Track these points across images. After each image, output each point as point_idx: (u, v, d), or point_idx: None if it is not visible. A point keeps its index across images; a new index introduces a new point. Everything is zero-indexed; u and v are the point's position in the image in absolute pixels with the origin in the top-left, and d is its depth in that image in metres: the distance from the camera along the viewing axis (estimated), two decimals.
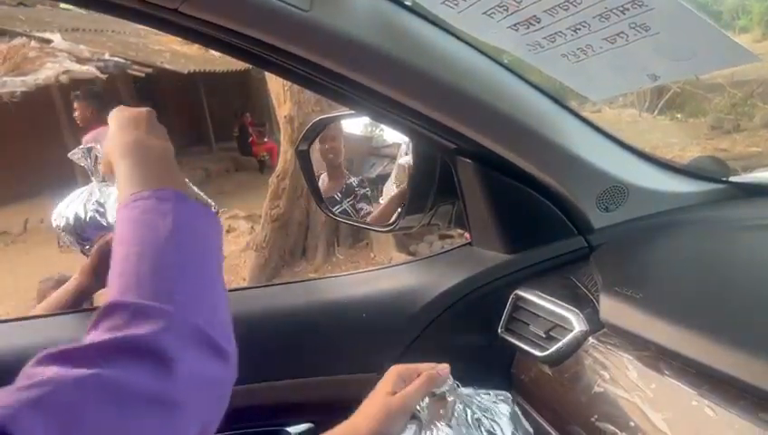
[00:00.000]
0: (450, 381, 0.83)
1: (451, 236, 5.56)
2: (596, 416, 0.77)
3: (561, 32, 0.70)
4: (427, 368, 0.83)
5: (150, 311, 0.51)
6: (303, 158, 1.21)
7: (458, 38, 0.84)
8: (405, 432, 0.80)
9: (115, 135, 0.73)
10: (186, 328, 0.52)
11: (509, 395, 0.86)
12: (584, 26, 0.68)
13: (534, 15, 0.68)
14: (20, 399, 0.43)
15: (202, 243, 0.62)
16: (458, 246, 1.14)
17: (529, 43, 0.73)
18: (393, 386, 0.80)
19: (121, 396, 0.46)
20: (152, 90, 13.36)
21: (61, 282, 2.99)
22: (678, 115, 9.31)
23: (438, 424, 0.79)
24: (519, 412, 0.85)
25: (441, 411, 0.80)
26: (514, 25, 0.70)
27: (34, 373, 0.46)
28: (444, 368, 0.83)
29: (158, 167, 0.68)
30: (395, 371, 0.83)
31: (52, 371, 0.46)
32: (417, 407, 0.80)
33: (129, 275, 0.55)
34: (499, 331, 1.00)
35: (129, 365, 0.48)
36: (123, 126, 0.74)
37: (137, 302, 0.52)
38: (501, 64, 0.89)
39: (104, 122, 0.80)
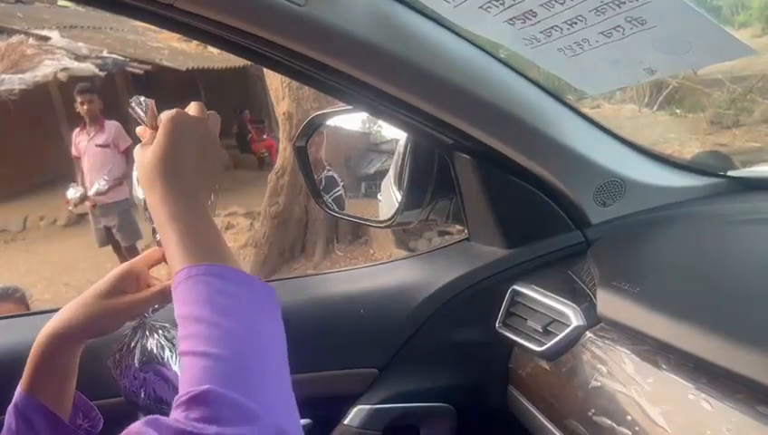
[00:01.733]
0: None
1: (450, 233, 5.57)
2: (593, 410, 0.77)
3: (557, 26, 0.69)
4: (153, 280, 0.80)
5: (247, 410, 0.49)
6: (301, 154, 1.21)
7: (455, 33, 0.84)
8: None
9: (159, 166, 0.64)
10: (271, 432, 0.50)
11: None
12: (580, 20, 0.68)
13: (530, 10, 0.68)
14: None
15: (278, 332, 0.59)
16: (456, 242, 1.14)
17: (525, 38, 0.73)
18: (122, 285, 0.77)
19: None
20: (151, 87, 13.34)
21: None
22: (678, 110, 9.29)
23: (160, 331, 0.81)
24: None
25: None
26: (510, 20, 0.70)
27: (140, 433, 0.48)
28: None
29: (216, 235, 0.63)
30: (125, 268, 0.78)
31: None
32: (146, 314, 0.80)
33: (221, 363, 0.52)
34: (497, 326, 1.00)
35: None
36: (173, 151, 0.65)
37: (235, 397, 0.50)
38: (498, 59, 0.89)
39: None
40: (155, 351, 0.82)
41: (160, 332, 0.83)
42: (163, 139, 0.66)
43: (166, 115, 0.69)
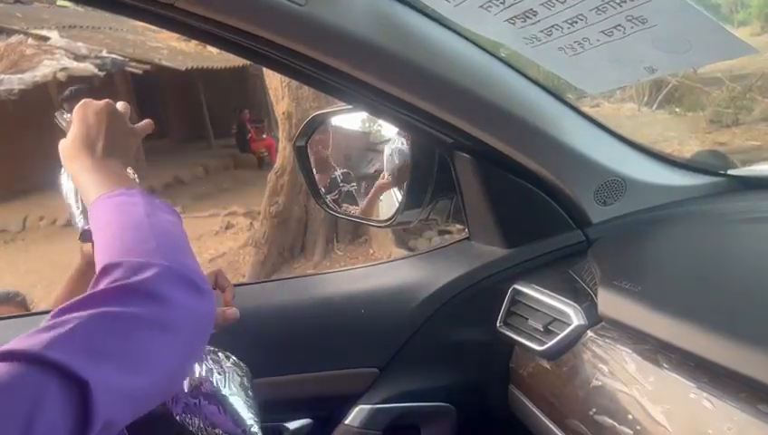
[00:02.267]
0: None
1: (450, 232, 5.57)
2: (594, 409, 0.77)
3: (557, 25, 0.69)
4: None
5: (142, 265, 0.62)
6: (301, 153, 1.21)
7: (455, 32, 0.84)
8: None
9: (73, 144, 0.81)
10: (172, 273, 0.63)
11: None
12: (581, 19, 0.67)
13: (531, 9, 0.68)
14: (53, 335, 0.53)
15: (170, 220, 0.74)
16: (456, 241, 1.14)
17: (526, 37, 0.73)
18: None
19: (129, 324, 0.58)
20: (150, 87, 13.33)
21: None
22: (677, 109, 9.28)
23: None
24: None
25: None
26: (511, 19, 0.70)
27: (55, 321, 0.56)
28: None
29: (119, 173, 0.79)
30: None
31: (70, 316, 0.55)
32: None
33: (117, 247, 0.66)
34: (497, 325, 1.00)
35: (132, 303, 0.59)
36: (83, 134, 0.81)
37: (129, 260, 0.63)
38: (498, 58, 0.89)
39: None
40: (204, 375, 0.82)
41: (208, 356, 0.84)
42: (76, 123, 0.82)
43: (78, 105, 0.84)
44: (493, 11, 0.69)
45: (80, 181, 0.79)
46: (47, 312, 0.91)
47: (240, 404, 0.86)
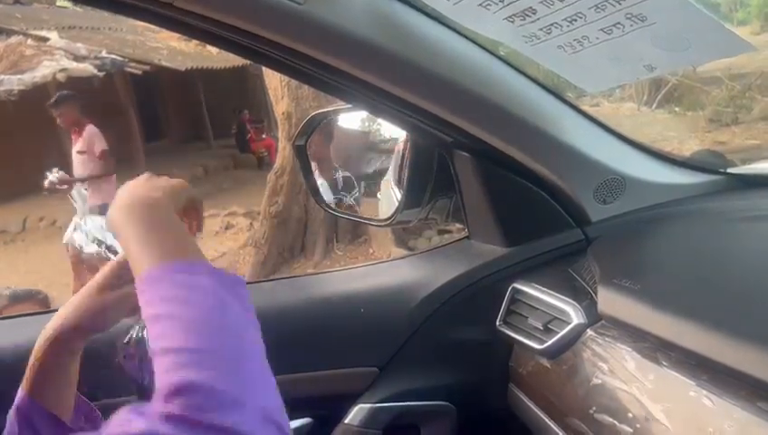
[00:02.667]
0: None
1: (450, 231, 5.56)
2: (594, 408, 0.77)
3: (556, 23, 0.69)
4: None
5: (233, 401, 0.50)
6: (300, 153, 1.21)
7: (454, 31, 0.84)
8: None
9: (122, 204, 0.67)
10: (266, 418, 0.51)
11: None
12: (580, 17, 0.67)
13: (530, 7, 0.68)
14: None
15: (249, 318, 0.60)
16: (456, 241, 1.14)
17: (525, 35, 0.73)
18: (114, 277, 0.76)
19: None
20: (150, 87, 13.33)
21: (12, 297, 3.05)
22: (677, 108, 9.29)
23: None
24: None
25: None
26: (510, 17, 0.70)
27: (129, 420, 0.48)
28: None
29: (187, 242, 0.64)
30: (112, 265, 0.77)
31: (144, 426, 0.47)
32: None
33: (197, 352, 0.52)
34: (497, 324, 1.00)
35: None
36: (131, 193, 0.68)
37: (215, 386, 0.50)
38: (497, 57, 0.89)
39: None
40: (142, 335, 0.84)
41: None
42: (145, 181, 0.70)
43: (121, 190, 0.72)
44: (492, 9, 0.69)
45: (128, 246, 0.63)
46: (50, 311, 0.91)
47: None
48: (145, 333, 0.80)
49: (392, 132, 1.17)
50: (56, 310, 0.78)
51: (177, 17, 0.74)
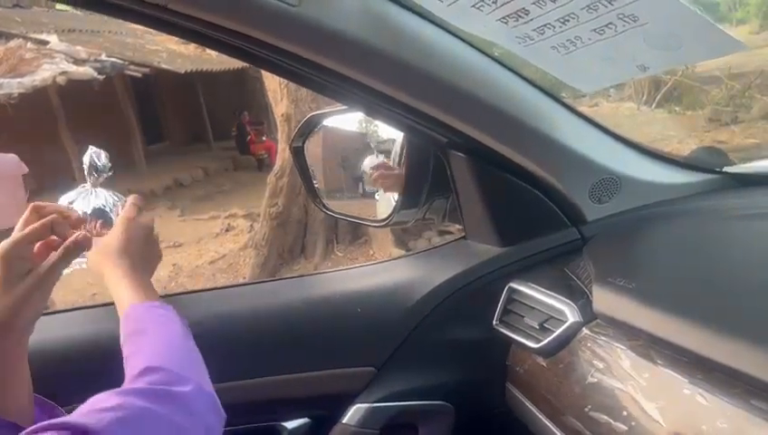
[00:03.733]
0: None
1: (450, 232, 5.56)
2: (590, 406, 0.77)
3: (549, 24, 0.70)
4: (50, 241, 0.83)
5: (181, 377, 0.72)
6: (298, 154, 1.21)
7: (448, 31, 0.84)
8: None
9: (116, 256, 0.91)
10: (203, 392, 0.73)
11: None
12: (573, 18, 0.68)
13: (523, 8, 0.68)
14: (109, 417, 0.61)
15: (193, 343, 0.84)
16: (452, 240, 1.14)
17: (518, 36, 0.73)
18: (13, 269, 0.77)
19: (166, 427, 0.66)
20: (149, 90, 13.35)
21: None
22: (676, 108, 9.29)
23: None
24: None
25: None
26: (503, 18, 0.70)
27: (107, 398, 0.64)
28: (77, 222, 0.88)
29: (151, 286, 0.91)
30: (4, 253, 0.77)
31: (120, 399, 0.64)
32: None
33: (157, 353, 0.75)
34: (494, 323, 1.00)
35: (171, 410, 0.67)
36: (126, 240, 0.93)
37: (170, 369, 0.72)
38: (491, 57, 0.89)
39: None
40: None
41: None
42: (120, 233, 0.93)
43: (123, 216, 0.96)
44: (485, 10, 0.69)
45: (114, 284, 0.89)
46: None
47: None
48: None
49: (389, 133, 1.17)
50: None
51: (172, 20, 0.74)
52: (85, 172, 1.07)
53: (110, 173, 1.08)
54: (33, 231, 0.80)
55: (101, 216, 1.03)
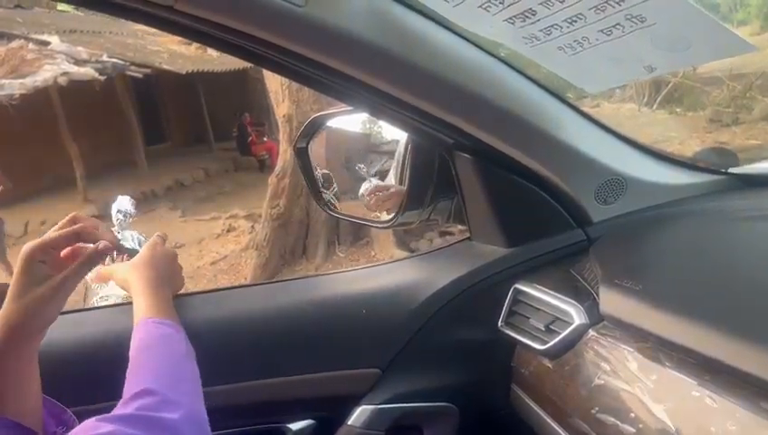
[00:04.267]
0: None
1: (451, 233, 5.57)
2: (597, 408, 0.77)
3: (557, 24, 0.70)
4: (76, 248, 0.83)
5: (173, 402, 0.72)
6: (302, 155, 1.21)
7: (454, 32, 0.84)
8: None
9: (143, 267, 0.96)
10: (193, 418, 0.74)
11: None
12: (580, 18, 0.68)
13: (530, 8, 0.68)
14: None
15: (188, 351, 0.86)
16: (457, 241, 1.14)
17: (525, 36, 0.73)
18: (33, 272, 0.77)
19: None
20: (150, 91, 13.36)
21: None
22: (677, 109, 9.29)
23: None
24: None
25: None
26: (510, 18, 0.70)
27: (97, 426, 0.64)
28: (107, 236, 0.86)
29: (169, 305, 0.93)
30: (29, 254, 0.78)
31: (111, 427, 0.64)
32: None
33: (155, 374, 0.77)
34: (499, 324, 1.00)
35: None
36: (150, 264, 0.97)
37: (164, 392, 0.73)
38: (498, 58, 0.89)
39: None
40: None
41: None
42: (149, 251, 1.00)
43: (150, 242, 1.02)
44: (492, 11, 0.69)
45: (136, 293, 0.92)
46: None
47: None
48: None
49: (393, 134, 1.17)
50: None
51: (178, 20, 0.74)
52: (113, 217, 1.12)
53: (135, 217, 1.13)
54: (59, 236, 0.81)
55: (130, 254, 1.04)
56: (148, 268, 0.96)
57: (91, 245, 0.84)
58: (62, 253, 0.82)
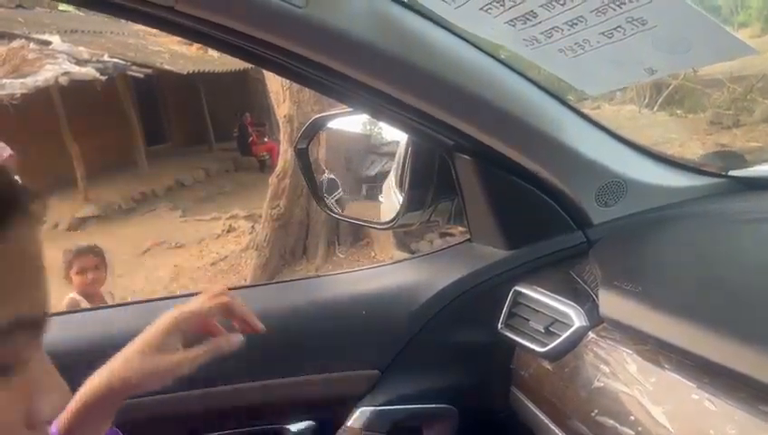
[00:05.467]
0: None
1: (452, 234, 5.56)
2: (596, 410, 0.77)
3: (557, 27, 0.70)
4: (213, 324, 0.79)
5: None
6: (302, 156, 1.21)
7: (455, 34, 0.84)
8: None
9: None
10: None
11: None
12: (581, 21, 0.68)
13: (531, 11, 0.68)
14: None
15: None
16: (457, 243, 1.14)
17: (526, 39, 0.73)
18: (172, 338, 0.74)
19: None
20: (151, 91, 13.37)
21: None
22: (678, 111, 9.30)
23: None
24: None
25: None
26: (511, 21, 0.70)
27: None
28: (236, 339, 0.79)
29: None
30: (173, 319, 0.75)
31: None
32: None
33: None
34: (499, 326, 1.00)
35: None
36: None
37: None
38: (498, 60, 0.89)
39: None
40: None
41: None
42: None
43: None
44: (493, 13, 0.69)
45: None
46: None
47: None
48: None
49: (394, 135, 1.17)
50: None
51: (179, 21, 0.74)
52: None
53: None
54: (213, 308, 0.78)
55: None
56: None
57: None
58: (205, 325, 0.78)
